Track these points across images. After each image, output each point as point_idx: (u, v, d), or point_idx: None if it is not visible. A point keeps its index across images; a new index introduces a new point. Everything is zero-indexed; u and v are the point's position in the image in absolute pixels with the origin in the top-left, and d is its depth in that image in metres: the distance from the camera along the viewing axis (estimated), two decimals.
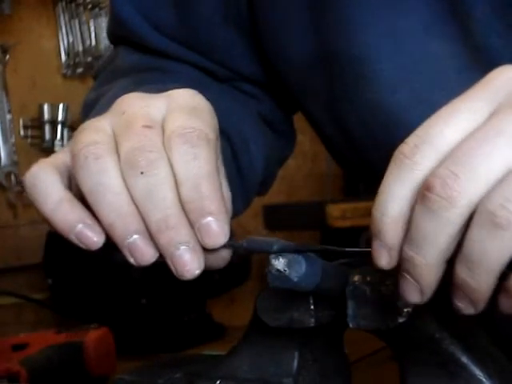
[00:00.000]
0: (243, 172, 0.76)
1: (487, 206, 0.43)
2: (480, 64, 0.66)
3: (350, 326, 0.53)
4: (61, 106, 1.67)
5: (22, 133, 1.64)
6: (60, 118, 1.67)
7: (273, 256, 0.49)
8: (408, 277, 0.47)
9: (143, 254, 0.52)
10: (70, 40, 1.71)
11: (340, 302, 0.54)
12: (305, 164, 1.83)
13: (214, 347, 1.30)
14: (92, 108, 0.72)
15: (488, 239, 0.44)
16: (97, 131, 0.55)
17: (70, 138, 1.69)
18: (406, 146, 0.47)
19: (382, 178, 0.76)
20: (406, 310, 0.51)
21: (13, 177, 1.59)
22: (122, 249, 0.52)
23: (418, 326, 0.53)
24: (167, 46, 0.80)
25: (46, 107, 1.66)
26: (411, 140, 0.47)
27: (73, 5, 1.71)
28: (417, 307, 0.51)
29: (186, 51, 0.80)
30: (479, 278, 0.45)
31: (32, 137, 1.65)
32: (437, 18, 0.67)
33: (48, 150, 1.66)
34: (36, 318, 1.57)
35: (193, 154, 0.52)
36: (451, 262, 0.46)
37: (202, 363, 0.63)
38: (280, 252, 0.49)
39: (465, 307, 0.47)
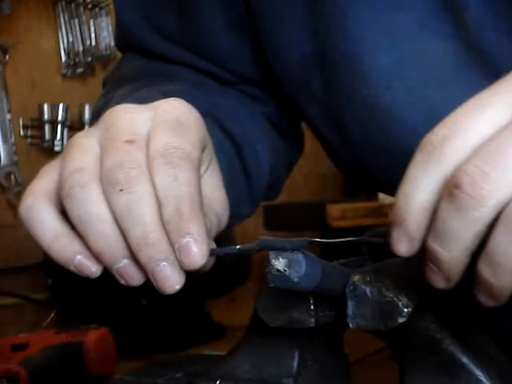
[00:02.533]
0: (250, 173, 0.77)
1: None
2: (475, 61, 0.66)
3: (350, 326, 0.53)
4: (61, 105, 1.67)
5: (21, 133, 1.64)
6: (60, 117, 1.67)
7: (273, 256, 0.49)
8: (433, 266, 0.47)
9: (132, 277, 0.53)
10: (70, 40, 1.71)
11: (340, 302, 0.54)
12: (305, 164, 1.83)
13: (213, 347, 1.30)
14: (99, 116, 0.73)
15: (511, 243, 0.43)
16: (84, 151, 0.55)
17: (69, 138, 1.69)
18: (435, 136, 0.46)
19: (378, 181, 0.76)
20: (406, 310, 0.51)
21: (13, 177, 1.59)
22: (112, 273, 0.53)
23: (418, 327, 0.53)
24: (171, 51, 0.80)
25: (45, 107, 1.66)
26: (440, 130, 0.46)
27: (73, 4, 1.71)
28: (417, 307, 0.51)
29: (190, 56, 0.80)
30: (502, 279, 0.45)
31: (32, 137, 1.65)
32: (432, 15, 0.67)
33: (48, 150, 1.66)
34: (36, 319, 1.57)
35: (173, 175, 0.52)
36: (474, 256, 0.46)
37: (202, 363, 0.63)
38: (297, 249, 0.49)
39: (486, 301, 0.47)
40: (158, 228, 0.51)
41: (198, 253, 0.51)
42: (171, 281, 0.52)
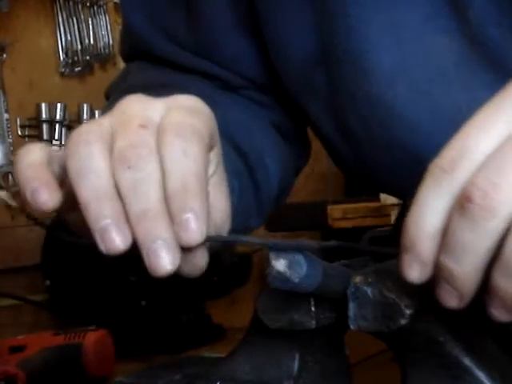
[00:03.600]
0: (260, 187, 0.77)
1: None
2: (478, 57, 0.67)
3: (351, 327, 0.53)
4: (59, 105, 1.67)
5: (19, 132, 1.64)
6: (58, 117, 1.67)
7: (273, 257, 0.49)
8: (446, 285, 0.46)
9: (113, 240, 0.51)
10: (68, 38, 1.71)
11: (341, 303, 0.54)
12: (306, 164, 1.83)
13: (213, 349, 1.30)
14: None
15: None
16: (94, 123, 0.55)
17: (67, 137, 1.69)
18: (443, 160, 0.46)
19: (380, 180, 0.76)
20: (407, 311, 0.51)
21: (10, 177, 1.58)
22: (93, 233, 0.51)
23: (420, 328, 0.53)
24: (178, 55, 0.81)
25: (43, 106, 1.66)
26: (448, 153, 0.46)
27: (71, 3, 1.71)
28: (419, 309, 0.51)
29: (196, 59, 0.80)
30: None
31: (30, 136, 1.65)
32: (435, 11, 0.68)
33: None
34: (34, 320, 1.56)
35: (183, 149, 0.52)
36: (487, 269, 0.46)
37: (202, 365, 0.63)
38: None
39: (500, 315, 0.46)
40: (159, 205, 0.51)
41: (197, 229, 0.50)
42: (164, 261, 0.50)
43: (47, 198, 0.52)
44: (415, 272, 0.47)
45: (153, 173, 0.51)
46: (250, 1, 0.76)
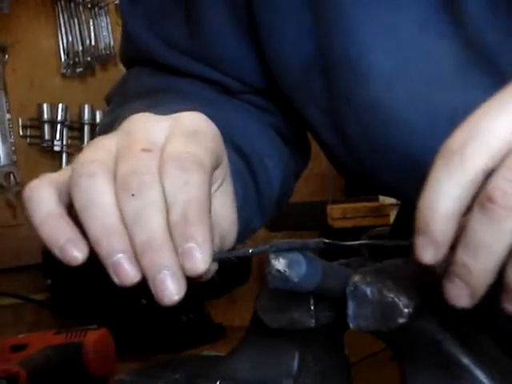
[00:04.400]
0: (261, 190, 0.77)
1: None
2: (475, 60, 0.66)
3: (351, 326, 0.53)
4: (60, 105, 1.67)
5: (21, 133, 1.63)
6: (59, 117, 1.67)
7: (273, 256, 0.49)
8: (459, 281, 0.46)
9: (127, 273, 0.51)
10: (70, 39, 1.71)
11: (340, 302, 0.54)
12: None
13: (213, 348, 1.29)
14: (106, 133, 0.73)
15: None
16: (99, 149, 0.55)
17: (69, 137, 1.69)
18: (454, 142, 0.46)
19: (378, 183, 0.76)
20: (406, 310, 0.51)
21: (12, 177, 1.58)
22: (106, 267, 0.52)
23: (419, 327, 0.53)
24: (178, 60, 0.80)
25: (45, 107, 1.65)
26: (459, 135, 0.46)
27: (72, 4, 1.71)
28: (418, 308, 0.51)
29: (196, 64, 0.80)
30: None
31: (31, 137, 1.65)
32: (432, 15, 0.67)
33: (47, 150, 1.66)
34: (35, 319, 1.56)
35: (184, 180, 0.52)
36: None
37: (202, 364, 0.63)
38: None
39: None
40: (163, 235, 0.51)
41: (200, 259, 0.50)
42: (170, 291, 0.50)
43: (77, 254, 0.52)
44: (429, 254, 0.47)
45: (156, 200, 0.51)
46: (248, 6, 0.76)
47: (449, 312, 0.53)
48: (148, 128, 0.56)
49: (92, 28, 1.74)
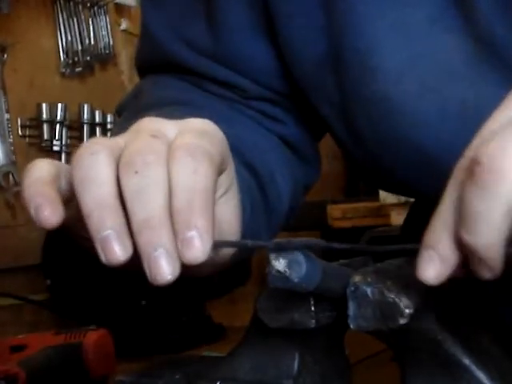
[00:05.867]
0: (270, 205, 0.77)
1: None
2: (486, 55, 0.67)
3: (351, 327, 0.53)
4: (59, 105, 1.67)
5: (20, 132, 1.63)
6: (58, 117, 1.67)
7: (273, 256, 0.49)
8: (473, 257, 0.46)
9: (114, 251, 0.50)
10: (69, 39, 1.71)
11: (341, 302, 0.53)
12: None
13: (213, 348, 1.30)
14: None
15: None
16: (106, 139, 0.55)
17: (68, 137, 1.69)
18: (466, 161, 0.46)
19: (391, 179, 0.76)
20: (407, 311, 0.51)
21: (11, 177, 1.58)
22: (95, 243, 0.51)
23: (420, 328, 0.53)
24: (197, 62, 0.80)
25: (44, 106, 1.65)
26: (469, 153, 0.46)
27: (71, 3, 1.71)
28: (418, 308, 0.51)
29: (216, 67, 0.80)
30: None
31: (30, 136, 1.65)
32: (442, 10, 0.68)
33: (46, 150, 1.66)
34: (35, 320, 1.56)
35: (193, 168, 0.52)
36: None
37: (202, 364, 0.63)
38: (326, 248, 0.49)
39: None
40: (163, 214, 0.50)
41: (200, 248, 0.50)
42: (164, 270, 0.50)
43: (49, 214, 0.51)
44: (432, 270, 0.46)
45: (159, 180, 0.51)
46: (265, 5, 0.76)
47: (450, 312, 0.53)
48: (157, 125, 0.56)
49: (91, 27, 1.74)
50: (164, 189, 0.51)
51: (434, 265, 0.46)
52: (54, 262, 1.45)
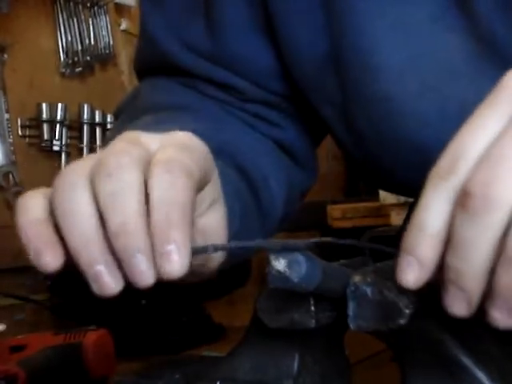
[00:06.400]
0: (264, 209, 0.77)
1: None
2: (486, 54, 0.67)
3: (351, 327, 0.53)
4: (59, 105, 1.67)
5: (20, 132, 1.64)
6: (58, 117, 1.67)
7: (273, 256, 0.49)
8: (453, 287, 0.46)
9: (107, 284, 0.51)
10: (69, 39, 1.71)
11: (341, 302, 0.53)
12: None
13: (213, 348, 1.29)
14: None
15: None
16: (84, 159, 0.55)
17: (68, 137, 1.69)
18: (441, 167, 0.46)
19: (391, 179, 0.76)
20: (407, 311, 0.51)
21: (11, 177, 1.58)
22: (86, 277, 0.51)
23: (420, 328, 0.53)
24: (196, 63, 0.80)
25: (44, 106, 1.66)
26: (444, 160, 0.47)
27: (71, 3, 1.71)
28: (418, 308, 0.51)
29: (214, 69, 0.80)
30: None
31: (30, 136, 1.65)
32: (443, 9, 0.68)
33: (46, 150, 1.66)
34: (34, 320, 1.56)
35: (170, 183, 0.51)
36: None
37: (202, 364, 0.63)
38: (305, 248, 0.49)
39: (503, 318, 0.46)
40: (139, 219, 0.50)
41: (178, 262, 0.50)
42: (146, 274, 0.50)
43: (50, 259, 0.51)
44: (412, 275, 0.47)
45: (133, 184, 0.51)
46: (264, 5, 0.76)
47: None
48: (137, 135, 0.56)
49: (91, 27, 1.74)
50: (138, 192, 0.51)
51: (413, 270, 0.47)
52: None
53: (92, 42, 1.73)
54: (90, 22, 1.74)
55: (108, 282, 0.51)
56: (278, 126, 0.82)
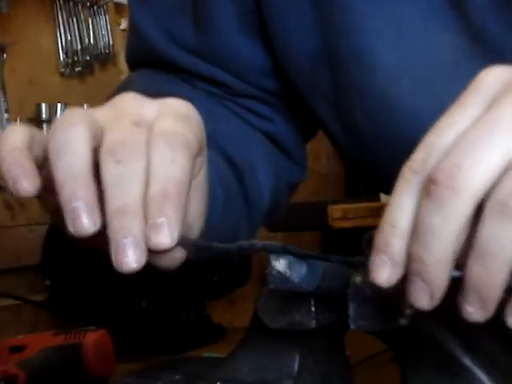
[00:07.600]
0: (250, 200, 0.77)
1: (496, 197, 0.43)
2: (479, 52, 0.68)
3: (351, 327, 0.53)
4: (59, 105, 1.67)
5: None
6: (58, 117, 1.66)
7: (273, 257, 0.49)
8: (417, 279, 0.46)
9: (82, 222, 0.51)
10: (68, 38, 1.71)
11: (341, 303, 0.53)
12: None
13: (213, 349, 1.29)
14: None
15: (501, 230, 0.43)
16: (84, 110, 0.55)
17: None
18: (413, 162, 0.47)
19: (387, 178, 0.77)
20: (407, 311, 0.51)
21: None
22: (64, 213, 0.51)
23: (420, 328, 0.53)
24: (184, 59, 0.81)
25: (43, 106, 1.65)
26: (417, 155, 0.47)
27: (71, 3, 1.71)
28: (419, 309, 0.51)
29: (203, 65, 0.81)
30: (493, 271, 0.44)
31: None
32: (436, 8, 0.69)
33: None
34: (34, 320, 1.56)
35: (171, 158, 0.52)
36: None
37: (202, 365, 0.63)
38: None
39: (475, 312, 0.45)
40: (138, 204, 0.51)
41: (168, 235, 0.51)
42: (130, 258, 0.50)
43: (27, 185, 0.51)
44: (385, 274, 0.46)
45: (139, 172, 0.52)
46: (257, 3, 0.76)
47: (449, 312, 0.53)
48: (137, 105, 0.57)
49: (91, 27, 1.74)
50: (142, 180, 0.52)
51: (386, 268, 0.46)
52: (53, 262, 1.45)
53: (92, 42, 1.73)
54: (90, 22, 1.74)
55: (84, 221, 0.51)
56: (269, 119, 0.83)
